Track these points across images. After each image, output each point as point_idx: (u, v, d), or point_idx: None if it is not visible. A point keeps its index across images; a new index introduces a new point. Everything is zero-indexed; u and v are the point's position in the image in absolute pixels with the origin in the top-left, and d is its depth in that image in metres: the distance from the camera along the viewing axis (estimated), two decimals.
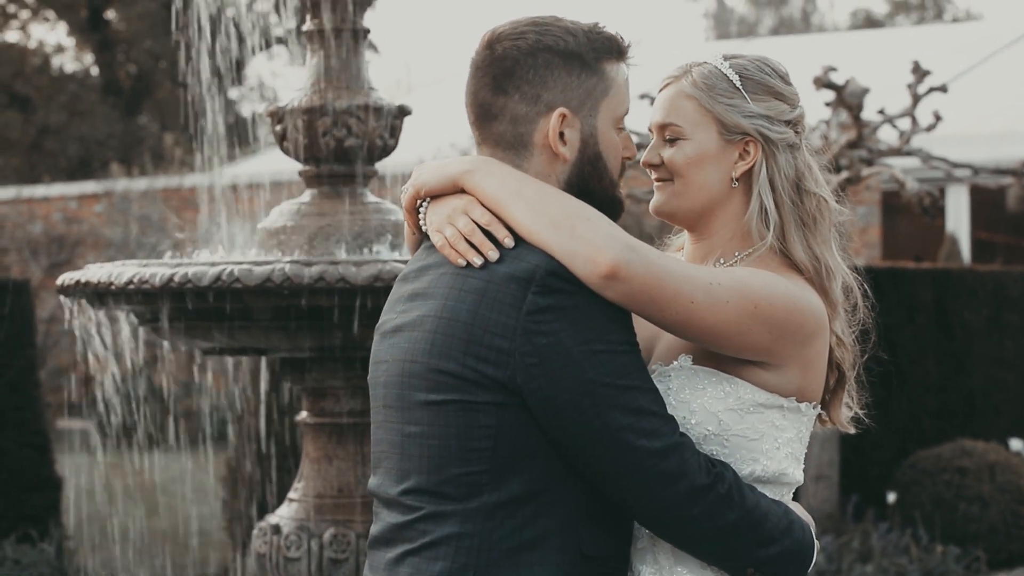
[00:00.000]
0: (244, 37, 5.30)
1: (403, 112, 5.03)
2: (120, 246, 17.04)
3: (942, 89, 10.27)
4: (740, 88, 2.71)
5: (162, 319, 4.56)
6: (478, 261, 2.49)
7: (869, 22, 39.26)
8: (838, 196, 2.81)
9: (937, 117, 10.13)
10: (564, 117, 2.57)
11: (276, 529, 4.86)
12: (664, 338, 2.69)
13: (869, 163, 9.97)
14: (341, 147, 4.91)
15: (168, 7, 26.54)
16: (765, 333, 2.56)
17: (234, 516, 8.96)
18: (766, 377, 2.61)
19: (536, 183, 2.55)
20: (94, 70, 30.67)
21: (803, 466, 2.72)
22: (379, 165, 5.10)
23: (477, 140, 2.64)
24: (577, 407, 2.43)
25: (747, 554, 2.55)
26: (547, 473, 2.48)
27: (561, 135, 2.57)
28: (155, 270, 4.44)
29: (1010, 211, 12.87)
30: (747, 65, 2.74)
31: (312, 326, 4.47)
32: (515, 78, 2.56)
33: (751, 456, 2.62)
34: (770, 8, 43.45)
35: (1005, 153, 13.89)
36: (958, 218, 15.00)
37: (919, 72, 10.16)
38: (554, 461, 2.48)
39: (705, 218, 2.74)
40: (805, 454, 2.73)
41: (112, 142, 27.77)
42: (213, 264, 4.41)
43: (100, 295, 4.61)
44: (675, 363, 2.64)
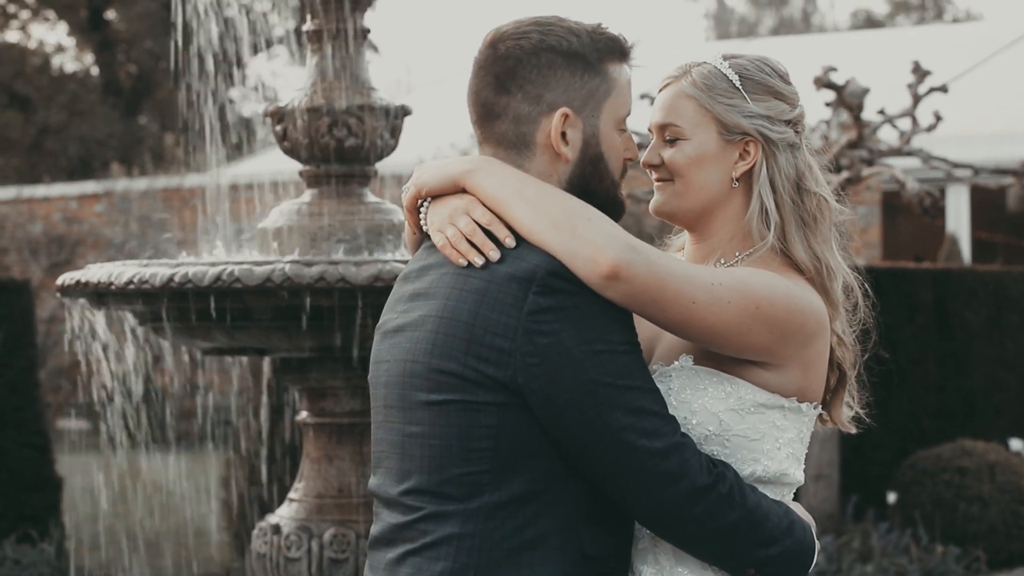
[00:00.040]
0: (243, 37, 5.30)
1: (403, 112, 5.03)
2: (120, 246, 17.04)
3: (942, 89, 10.27)
4: (740, 88, 2.71)
5: (162, 319, 4.56)
6: (479, 261, 2.49)
7: (869, 22, 39.25)
8: (838, 196, 2.81)
9: (937, 117, 10.13)
10: (566, 117, 2.56)
11: (276, 529, 4.86)
12: (665, 338, 2.68)
13: (869, 163, 9.97)
14: (341, 147, 4.91)
15: (168, 7, 26.57)
16: (766, 333, 2.55)
17: (234, 516, 8.96)
18: (767, 377, 2.61)
19: (537, 183, 2.54)
20: (94, 70, 30.66)
21: (803, 466, 2.72)
22: (379, 165, 5.09)
23: (479, 139, 2.63)
24: (578, 407, 2.43)
25: (748, 554, 2.55)
26: (548, 473, 2.47)
27: (563, 135, 2.57)
28: (155, 270, 4.44)
29: (1010, 211, 12.87)
30: (747, 65, 2.73)
31: (312, 326, 4.47)
32: (518, 77, 2.56)
33: (752, 456, 2.62)
34: (770, 8, 43.45)
35: (1005, 153, 13.88)
36: (958, 218, 15.00)
37: (919, 72, 10.16)
38: (555, 461, 2.47)
39: (705, 218, 2.74)
40: (805, 454, 2.73)
41: (112, 142, 27.77)
42: (213, 264, 4.41)
43: (100, 295, 4.61)
44: (676, 363, 2.64)
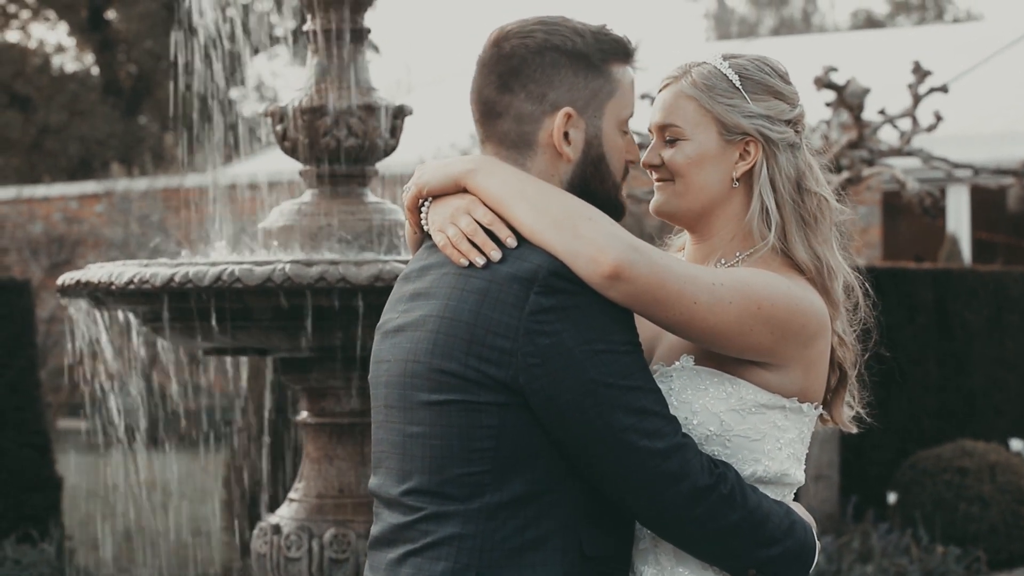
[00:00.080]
0: (243, 37, 5.30)
1: (403, 112, 5.03)
2: (120, 246, 17.04)
3: (943, 89, 10.27)
4: (740, 88, 2.70)
5: (162, 319, 4.56)
6: (480, 261, 2.48)
7: (870, 22, 39.25)
8: (839, 196, 2.81)
9: (938, 117, 10.13)
10: (569, 117, 2.56)
11: (276, 529, 4.85)
12: (666, 338, 2.68)
13: (870, 163, 9.98)
14: (341, 147, 4.91)
15: (168, 7, 26.56)
16: (767, 334, 2.55)
17: (234, 516, 8.96)
18: (768, 378, 2.60)
19: (538, 183, 2.54)
20: (94, 70, 30.66)
21: (804, 466, 2.72)
22: (379, 165, 5.09)
23: (481, 138, 2.63)
24: (579, 407, 2.43)
25: (749, 555, 2.55)
26: (549, 473, 2.47)
27: (565, 135, 2.56)
28: (155, 270, 4.43)
29: (1011, 211, 12.87)
30: (746, 65, 2.73)
31: (313, 326, 4.47)
32: (521, 76, 2.55)
33: (753, 457, 2.62)
34: (771, 8, 43.45)
35: (1006, 153, 13.89)
36: (959, 218, 15.00)
37: (920, 72, 10.16)
38: (556, 461, 2.47)
39: (706, 218, 2.73)
40: (806, 455, 2.73)
41: (112, 142, 27.77)
42: (214, 264, 4.41)
43: (100, 295, 4.61)
44: (677, 363, 2.64)
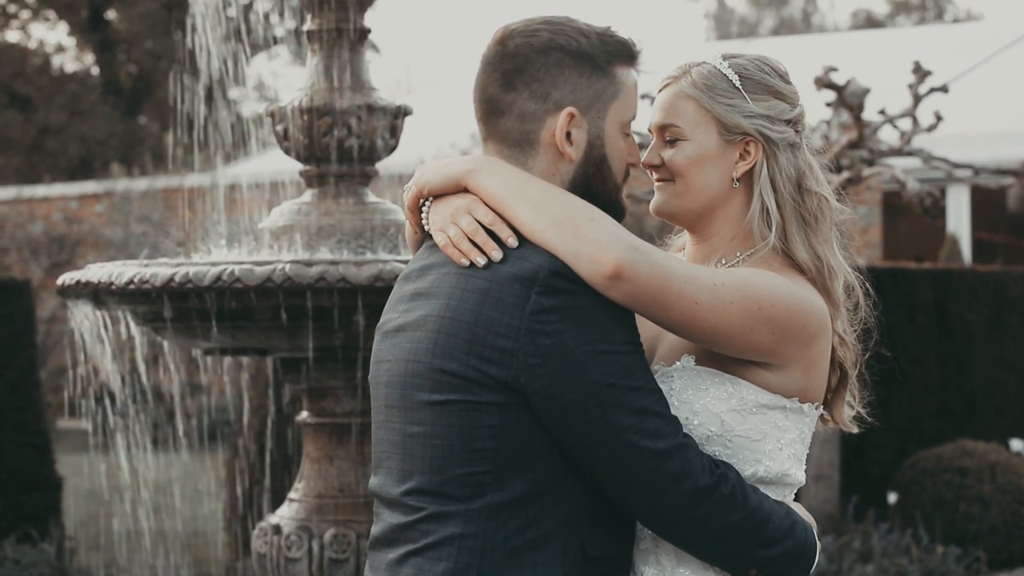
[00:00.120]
0: (244, 37, 5.30)
1: (404, 112, 5.03)
2: (120, 246, 17.04)
3: (943, 89, 10.27)
4: (740, 88, 2.70)
5: (162, 319, 4.56)
6: (481, 261, 2.48)
7: (870, 22, 39.25)
8: (839, 195, 2.81)
9: (938, 117, 10.13)
10: (572, 117, 2.56)
11: (277, 529, 4.85)
12: (666, 338, 2.68)
13: (870, 163, 9.97)
14: (342, 147, 4.91)
15: (168, 7, 26.57)
16: (768, 334, 2.55)
17: (234, 516, 8.96)
18: (769, 378, 2.60)
19: (539, 183, 2.54)
20: (94, 70, 30.68)
21: (804, 467, 2.72)
22: (380, 165, 5.09)
23: (483, 136, 2.62)
24: (581, 407, 2.43)
25: (749, 555, 2.55)
26: (550, 474, 2.47)
27: (568, 135, 2.56)
28: (155, 270, 4.43)
29: (1011, 211, 12.87)
30: (746, 65, 2.73)
31: (313, 326, 4.47)
32: (525, 75, 2.55)
33: (754, 457, 2.61)
34: (771, 8, 43.44)
35: (1006, 153, 13.88)
36: (959, 218, 15.00)
37: (920, 72, 10.16)
38: (557, 462, 2.47)
39: (706, 218, 2.73)
40: (806, 455, 2.73)
41: (112, 142, 27.78)
42: (214, 264, 4.41)
43: (100, 295, 4.61)
44: (678, 363, 2.63)
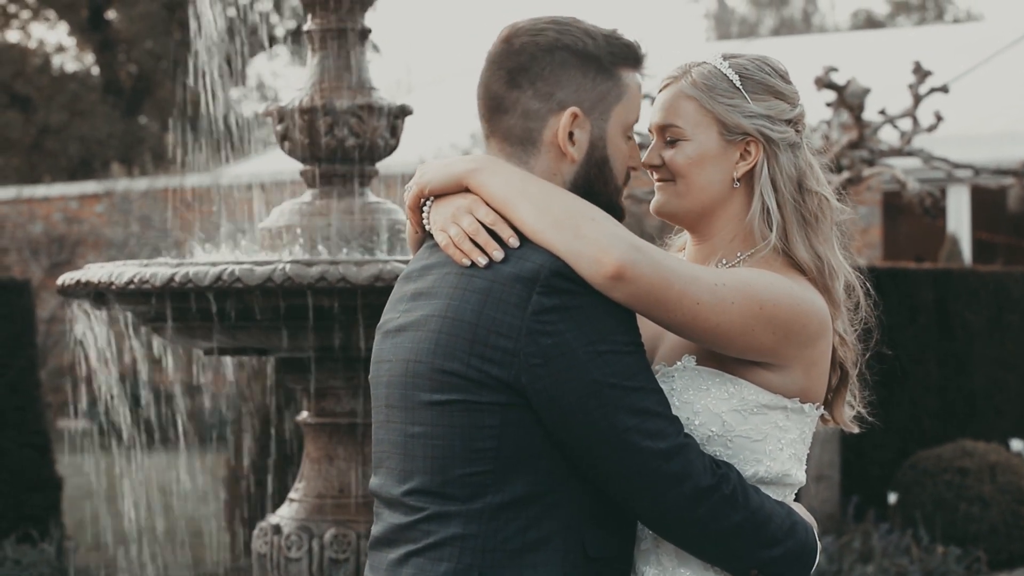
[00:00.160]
0: (245, 36, 5.30)
1: (404, 112, 5.03)
2: (120, 246, 17.04)
3: (943, 89, 10.27)
4: (740, 88, 2.70)
5: (163, 319, 4.55)
6: (483, 261, 2.48)
7: (870, 23, 39.25)
8: (839, 195, 2.80)
9: (938, 117, 10.13)
10: (575, 117, 2.55)
11: (277, 529, 4.85)
12: (667, 338, 2.68)
13: (870, 163, 9.98)
14: (342, 147, 4.91)
15: (169, 7, 26.57)
16: (770, 334, 2.55)
17: (234, 516, 8.96)
18: (770, 378, 2.60)
19: (541, 183, 2.54)
20: (95, 70, 30.67)
21: (805, 467, 2.72)
22: (380, 165, 5.09)
23: (485, 133, 2.62)
24: (583, 408, 2.42)
25: (751, 555, 2.54)
26: (551, 474, 2.47)
27: (570, 135, 2.56)
28: (155, 270, 4.43)
29: (1011, 212, 12.86)
30: (747, 65, 2.72)
31: (313, 326, 4.47)
32: (530, 73, 2.55)
33: (755, 457, 2.61)
34: (771, 9, 43.45)
35: (1006, 153, 13.88)
36: (959, 218, 15.00)
37: (920, 72, 10.17)
38: (558, 462, 2.47)
39: (707, 219, 2.73)
40: (807, 455, 2.72)
41: (113, 142, 27.77)
42: (214, 264, 4.41)
43: (100, 295, 4.61)
44: (679, 364, 2.63)
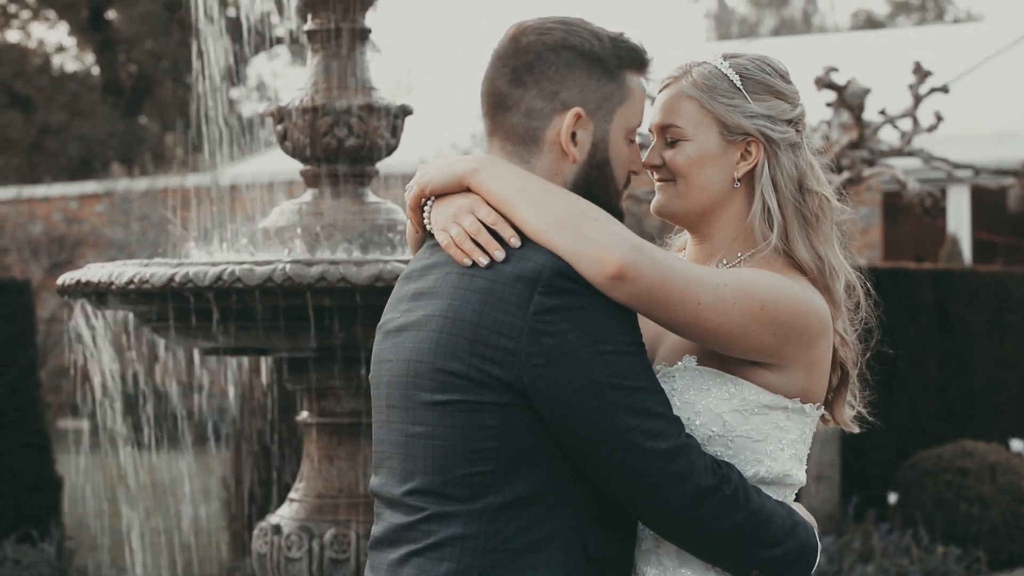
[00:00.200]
0: (246, 37, 5.30)
1: (404, 112, 5.03)
2: (121, 246, 17.03)
3: (943, 90, 10.27)
4: (741, 88, 2.69)
5: (163, 319, 4.55)
6: (484, 260, 2.48)
7: (870, 23, 39.25)
8: (839, 195, 2.80)
9: (938, 118, 10.13)
10: (579, 117, 2.55)
11: (277, 529, 4.85)
12: (668, 338, 2.67)
13: (870, 163, 9.98)
14: (342, 147, 4.91)
15: (169, 7, 26.57)
16: (771, 335, 2.55)
17: (234, 516, 8.96)
18: (771, 378, 2.60)
19: (542, 182, 2.53)
20: (95, 70, 30.68)
21: (805, 467, 2.72)
22: (380, 165, 5.09)
23: (487, 131, 2.62)
24: (584, 408, 2.42)
25: (752, 555, 2.54)
26: (552, 474, 2.47)
27: (573, 135, 2.56)
28: (155, 270, 4.43)
29: (1011, 212, 12.86)
30: (747, 64, 2.72)
31: (313, 326, 4.47)
32: (535, 72, 2.55)
33: (755, 457, 2.61)
34: (771, 9, 43.44)
35: (1006, 153, 13.88)
36: (959, 219, 15.00)
37: (920, 73, 10.17)
38: (559, 462, 2.47)
39: (707, 219, 2.73)
40: (807, 455, 2.72)
41: (113, 142, 27.77)
42: (214, 264, 4.41)
43: (100, 295, 4.61)
44: (679, 364, 2.63)
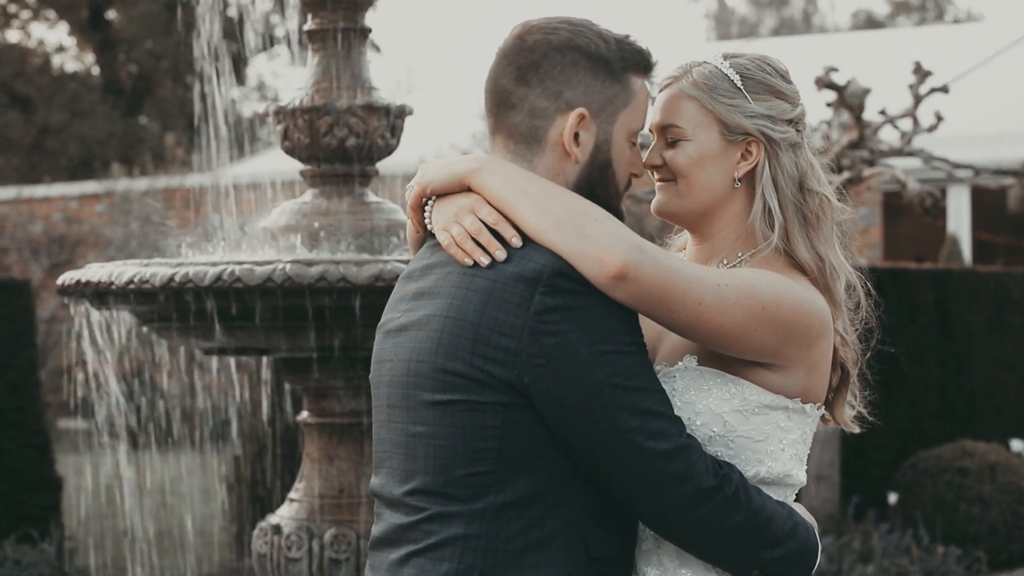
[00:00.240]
0: (246, 37, 5.30)
1: (404, 112, 5.03)
2: (120, 246, 17.03)
3: (943, 90, 10.27)
4: (741, 88, 2.69)
5: (163, 319, 4.55)
6: (485, 260, 2.48)
7: (870, 23, 39.25)
8: (840, 195, 2.80)
9: (938, 118, 10.13)
10: (582, 118, 2.55)
11: (277, 529, 4.85)
12: (669, 338, 2.67)
13: (870, 164, 9.98)
14: (342, 147, 4.91)
15: (169, 7, 26.57)
16: (772, 335, 2.55)
17: (235, 516, 8.96)
18: (771, 378, 2.60)
19: (543, 182, 2.53)
20: (95, 70, 30.68)
21: (805, 467, 2.72)
22: (380, 165, 5.09)
23: (490, 129, 2.62)
24: (585, 408, 2.42)
25: (752, 556, 2.54)
26: (553, 474, 2.47)
27: (576, 136, 2.56)
28: (155, 270, 4.43)
29: (1011, 212, 12.86)
30: (747, 64, 2.72)
31: (313, 326, 4.47)
32: (540, 71, 2.55)
33: (756, 457, 2.61)
34: (771, 9, 43.44)
35: (1006, 154, 13.88)
36: (959, 219, 15.00)
37: (920, 73, 10.17)
38: (560, 462, 2.47)
39: (708, 219, 2.72)
40: (807, 455, 2.72)
41: (113, 142, 27.77)
42: (214, 264, 4.41)
43: (100, 295, 4.61)
44: (680, 364, 2.63)
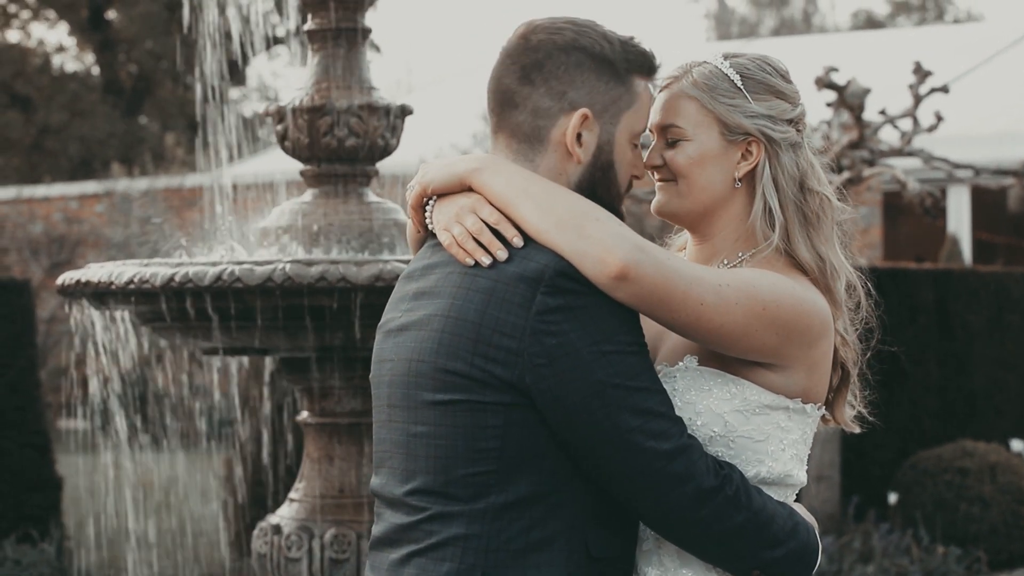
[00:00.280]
0: (246, 36, 5.30)
1: (404, 112, 5.03)
2: (120, 246, 17.04)
3: (944, 90, 10.27)
4: (741, 88, 2.69)
5: (163, 319, 4.55)
6: (486, 260, 2.48)
7: (870, 23, 39.25)
8: (840, 194, 2.80)
9: (938, 118, 10.13)
10: (586, 119, 2.56)
11: (277, 529, 4.85)
12: (669, 338, 2.67)
13: (870, 164, 9.98)
14: (342, 147, 4.91)
15: (169, 7, 26.57)
16: (773, 335, 2.54)
17: (234, 516, 8.96)
18: (772, 378, 2.60)
19: (544, 182, 2.53)
20: (95, 70, 30.68)
21: (806, 467, 2.72)
22: (380, 165, 5.09)
23: (492, 128, 2.62)
24: (587, 408, 2.42)
25: (753, 556, 2.54)
26: (554, 474, 2.47)
27: (579, 136, 2.56)
28: (155, 270, 4.43)
29: (1011, 212, 12.87)
30: (747, 64, 2.72)
31: (313, 326, 4.47)
32: (544, 71, 2.55)
33: (756, 457, 2.61)
34: (771, 9, 43.44)
35: (1006, 154, 13.88)
36: (959, 219, 15.00)
37: (920, 73, 10.17)
38: (561, 462, 2.47)
39: (708, 219, 2.72)
40: (808, 455, 2.72)
41: (113, 142, 27.77)
42: (214, 264, 4.41)
43: (100, 295, 4.61)
44: (680, 364, 2.63)
